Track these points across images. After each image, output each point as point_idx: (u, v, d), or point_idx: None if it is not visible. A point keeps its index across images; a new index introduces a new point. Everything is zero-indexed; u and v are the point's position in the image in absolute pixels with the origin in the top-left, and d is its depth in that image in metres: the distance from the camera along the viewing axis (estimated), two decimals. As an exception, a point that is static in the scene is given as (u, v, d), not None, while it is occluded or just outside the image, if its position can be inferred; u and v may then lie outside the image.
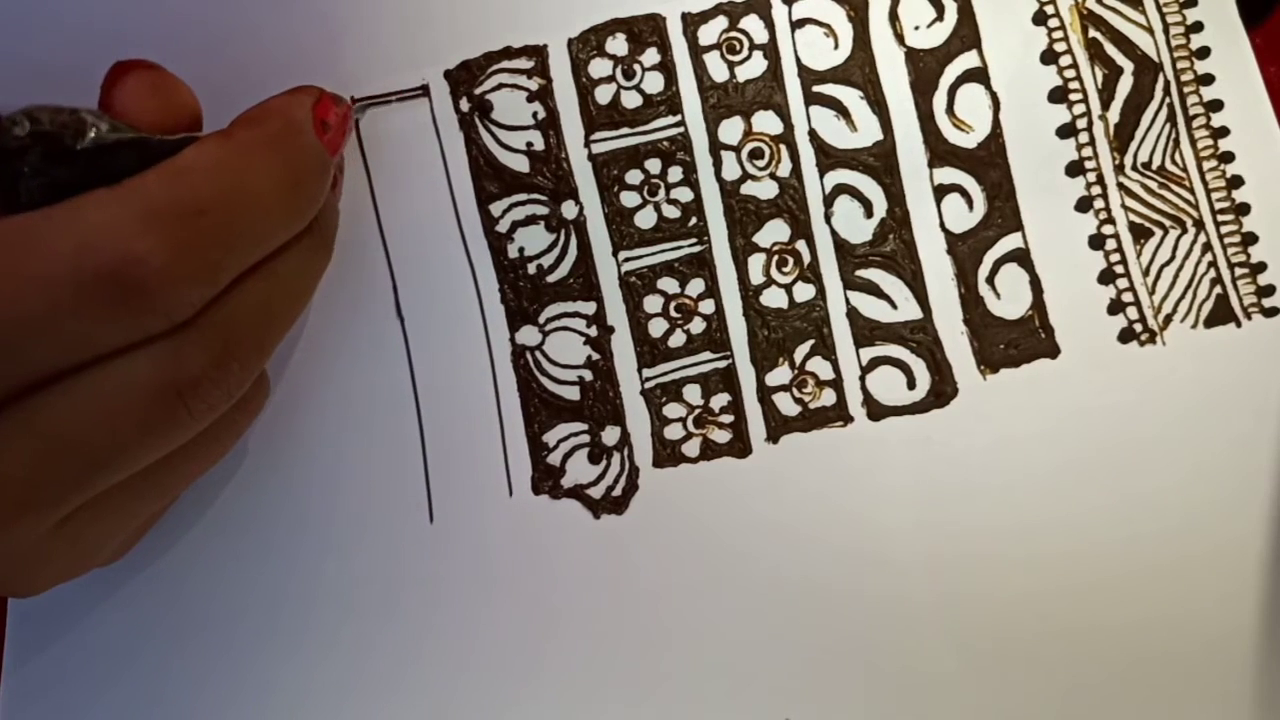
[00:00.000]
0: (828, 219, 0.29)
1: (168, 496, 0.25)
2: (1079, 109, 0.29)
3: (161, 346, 0.21)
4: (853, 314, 0.29)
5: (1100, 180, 0.29)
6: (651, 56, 0.29)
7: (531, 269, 0.29)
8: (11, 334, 0.19)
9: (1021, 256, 0.29)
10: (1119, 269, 0.29)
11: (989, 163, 0.29)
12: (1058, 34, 0.29)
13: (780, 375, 0.29)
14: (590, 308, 0.29)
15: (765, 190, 0.29)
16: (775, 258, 0.29)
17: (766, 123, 0.29)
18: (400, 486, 0.28)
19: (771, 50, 0.29)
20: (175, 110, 0.23)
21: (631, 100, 0.29)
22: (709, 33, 0.29)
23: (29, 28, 0.28)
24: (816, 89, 0.29)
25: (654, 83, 0.29)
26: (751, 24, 0.29)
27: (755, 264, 0.29)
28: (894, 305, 0.29)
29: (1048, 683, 0.28)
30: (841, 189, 0.29)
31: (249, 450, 0.28)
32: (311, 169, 0.24)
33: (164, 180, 0.20)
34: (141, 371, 0.20)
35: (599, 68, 0.29)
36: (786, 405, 0.29)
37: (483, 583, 0.28)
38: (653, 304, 0.29)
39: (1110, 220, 0.29)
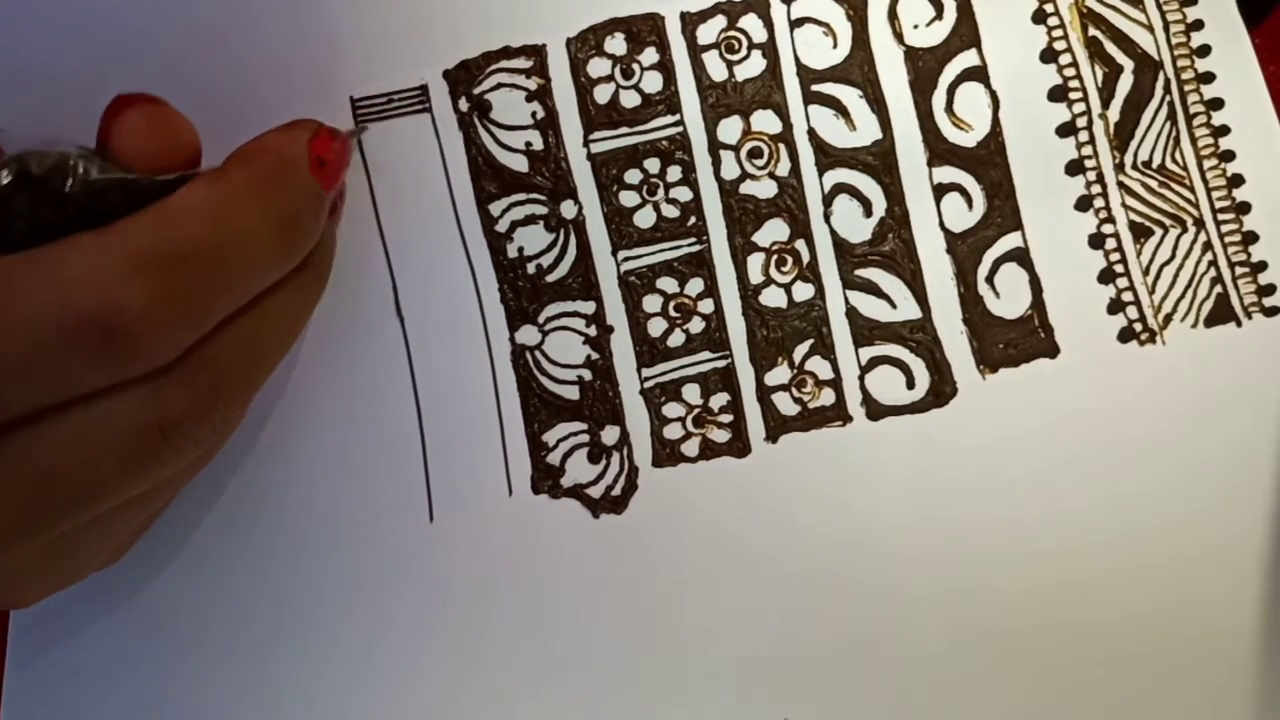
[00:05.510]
0: (827, 218, 0.29)
1: (154, 508, 0.24)
2: (1079, 107, 0.29)
3: (146, 387, 0.20)
4: (852, 313, 0.29)
5: (1100, 179, 0.29)
6: (650, 56, 0.29)
7: (531, 268, 0.29)
8: None
9: (1021, 256, 0.29)
10: (1119, 268, 0.29)
11: (988, 161, 0.29)
12: (1057, 32, 0.29)
13: (779, 375, 0.29)
14: (589, 307, 0.29)
15: (764, 189, 0.29)
16: (774, 257, 0.29)
17: (765, 122, 0.29)
18: (400, 486, 0.28)
19: (770, 49, 0.29)
20: (173, 147, 0.22)
21: (630, 100, 0.29)
22: (707, 32, 0.29)
23: (33, 35, 0.28)
24: (815, 88, 0.29)
25: (653, 82, 0.29)
26: (750, 23, 0.29)
27: (754, 263, 0.29)
28: (893, 305, 0.29)
29: (1047, 681, 0.28)
30: (840, 188, 0.29)
31: (249, 451, 0.28)
32: (304, 208, 0.23)
33: (150, 224, 0.20)
34: (125, 411, 0.20)
35: (597, 67, 0.29)
36: (785, 405, 0.29)
37: (482, 582, 0.28)
38: (652, 303, 0.29)
39: (1110, 219, 0.29)
